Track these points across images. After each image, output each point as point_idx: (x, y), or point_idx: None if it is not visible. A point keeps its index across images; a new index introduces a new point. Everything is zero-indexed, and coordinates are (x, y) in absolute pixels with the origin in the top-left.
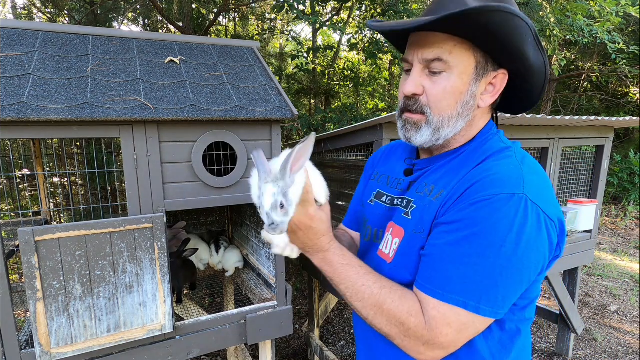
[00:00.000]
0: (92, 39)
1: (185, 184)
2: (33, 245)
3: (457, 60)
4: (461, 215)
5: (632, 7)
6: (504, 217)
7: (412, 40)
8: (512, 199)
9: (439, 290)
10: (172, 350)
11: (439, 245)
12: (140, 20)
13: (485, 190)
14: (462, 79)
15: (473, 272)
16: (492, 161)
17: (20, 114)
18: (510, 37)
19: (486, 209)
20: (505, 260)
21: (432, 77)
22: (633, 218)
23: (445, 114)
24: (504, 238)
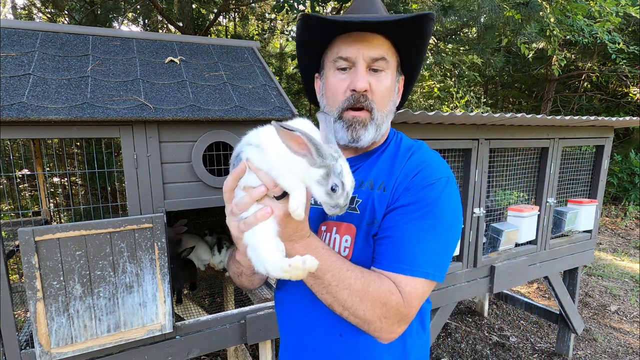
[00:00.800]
0: (92, 39)
1: (185, 184)
2: (33, 245)
3: (391, 60)
4: (415, 197)
5: (632, 7)
6: (447, 195)
7: (353, 39)
8: (449, 181)
9: (407, 267)
10: (172, 350)
11: (399, 226)
12: (140, 20)
13: (430, 176)
14: (392, 79)
15: (430, 244)
16: (420, 154)
17: (20, 114)
18: (426, 45)
19: (434, 190)
20: (450, 231)
21: (374, 75)
22: (633, 218)
23: (385, 110)
24: (449, 213)
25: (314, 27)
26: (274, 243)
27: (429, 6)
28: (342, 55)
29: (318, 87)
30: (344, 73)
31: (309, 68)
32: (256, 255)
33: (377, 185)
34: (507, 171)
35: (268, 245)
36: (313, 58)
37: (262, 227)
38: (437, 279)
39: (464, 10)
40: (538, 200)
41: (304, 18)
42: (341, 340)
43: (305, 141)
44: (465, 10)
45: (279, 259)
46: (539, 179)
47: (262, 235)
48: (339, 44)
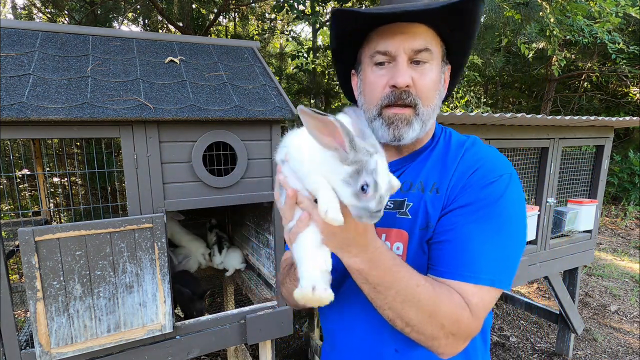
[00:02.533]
0: (92, 39)
1: (185, 184)
2: (33, 245)
3: (435, 51)
4: (475, 197)
5: (631, 7)
6: (511, 194)
7: (392, 31)
8: (512, 178)
9: (472, 274)
10: (172, 350)
11: (458, 229)
12: (140, 20)
13: (490, 174)
14: (438, 70)
15: (496, 247)
16: (476, 150)
17: (20, 114)
18: (475, 30)
19: (496, 188)
20: (517, 233)
21: (417, 68)
22: (633, 218)
23: (432, 104)
24: (514, 213)
25: (347, 22)
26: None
27: None
28: (381, 50)
29: (355, 84)
30: (383, 68)
31: (345, 64)
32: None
33: (429, 187)
34: None
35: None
36: (349, 54)
37: (304, 237)
38: (504, 287)
39: None
40: (538, 200)
41: (337, 13)
42: (397, 355)
43: (339, 129)
44: None
45: (310, 279)
46: (539, 179)
47: (302, 248)
48: (376, 37)
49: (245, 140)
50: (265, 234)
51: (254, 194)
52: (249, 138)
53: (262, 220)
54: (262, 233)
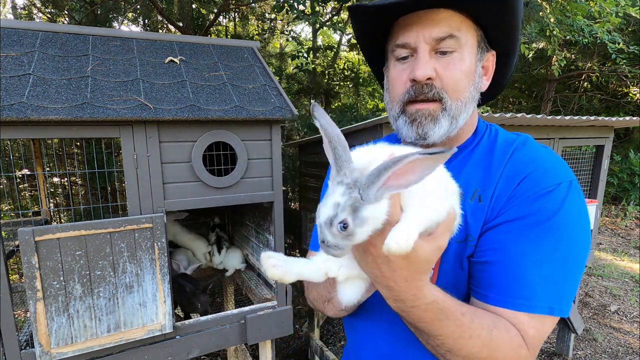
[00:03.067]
0: (92, 39)
1: (185, 184)
2: (33, 245)
3: (465, 37)
4: (526, 210)
5: (632, 7)
6: (571, 206)
7: (410, 21)
8: (571, 186)
9: (527, 302)
10: (172, 350)
11: (507, 248)
12: (140, 20)
13: (545, 181)
14: (471, 59)
15: (553, 270)
16: (527, 151)
17: (20, 114)
18: (515, 8)
19: (552, 199)
20: (578, 252)
21: (442, 59)
22: (633, 218)
23: (463, 97)
24: (575, 228)
25: (364, 19)
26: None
27: None
28: (400, 42)
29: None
30: (405, 62)
31: (377, 63)
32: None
33: (469, 193)
34: None
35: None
36: (377, 52)
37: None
38: (563, 314)
39: None
40: None
41: (351, 11)
42: None
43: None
44: None
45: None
46: None
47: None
48: (397, 30)
49: (245, 140)
50: (265, 234)
51: (254, 194)
52: (249, 138)
53: (262, 220)
54: (262, 233)
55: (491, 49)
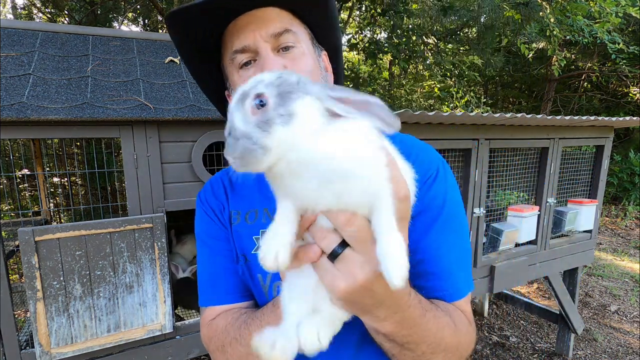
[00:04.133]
0: (92, 39)
1: (185, 184)
2: (33, 245)
3: (300, 32)
4: (423, 203)
5: (632, 7)
6: (451, 186)
7: (242, 24)
8: (444, 166)
9: (458, 291)
10: (172, 350)
11: (426, 245)
12: (140, 20)
13: (427, 169)
14: (312, 53)
15: (461, 253)
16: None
17: (20, 114)
18: (332, 3)
19: (438, 186)
20: (465, 226)
21: (287, 54)
22: (633, 218)
23: None
24: (460, 206)
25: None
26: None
27: (429, 6)
28: (237, 48)
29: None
30: (249, 68)
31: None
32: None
33: None
34: (507, 171)
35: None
36: (213, 74)
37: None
38: (473, 287)
39: (464, 10)
40: (538, 200)
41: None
42: None
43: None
44: (465, 10)
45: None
46: (539, 179)
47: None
48: (228, 38)
49: None
50: None
51: None
52: None
53: None
54: None
55: (322, 48)
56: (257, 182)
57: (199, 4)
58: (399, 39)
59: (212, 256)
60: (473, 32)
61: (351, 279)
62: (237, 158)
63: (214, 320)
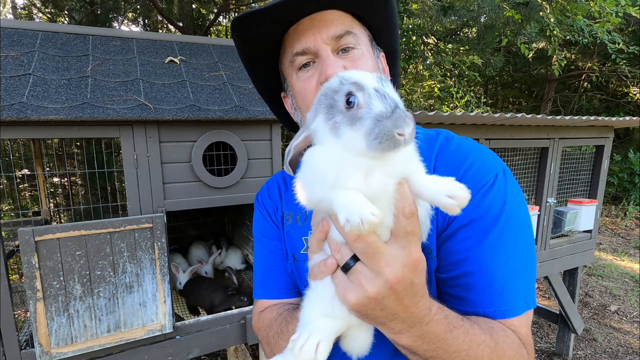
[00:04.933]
0: (92, 39)
1: (185, 184)
2: (33, 245)
3: (361, 35)
4: (477, 211)
5: (632, 7)
6: (512, 194)
7: (303, 28)
8: (506, 174)
9: (511, 308)
10: (172, 350)
11: (476, 256)
12: (140, 20)
13: (483, 176)
14: (371, 55)
15: (520, 267)
16: (454, 148)
17: (20, 114)
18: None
19: (496, 193)
20: (530, 238)
21: (347, 56)
22: (633, 218)
23: None
24: (523, 216)
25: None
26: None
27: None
28: (298, 50)
29: (289, 106)
30: (309, 69)
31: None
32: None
33: None
34: None
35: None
36: (271, 77)
37: (316, 295)
38: (535, 303)
39: (464, 10)
40: (538, 200)
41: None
42: None
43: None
44: (465, 10)
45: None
46: (539, 179)
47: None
48: (289, 41)
49: (245, 140)
50: None
51: (254, 194)
52: (249, 138)
53: None
54: None
55: (381, 50)
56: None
57: (263, 10)
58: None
59: (265, 254)
60: (473, 32)
61: (361, 291)
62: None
63: (263, 313)
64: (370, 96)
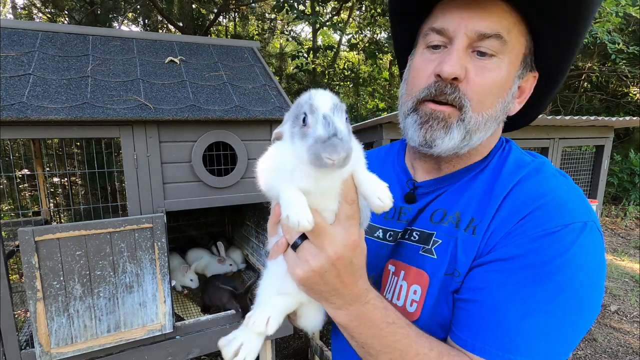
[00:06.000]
0: (92, 39)
1: (185, 184)
2: (33, 245)
3: (513, 43)
4: (522, 250)
5: (632, 7)
6: (582, 251)
7: (455, 5)
8: (585, 229)
9: (500, 352)
10: (172, 350)
11: (494, 289)
12: (140, 20)
13: (553, 220)
14: (510, 71)
15: (542, 322)
16: (539, 180)
17: (20, 114)
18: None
19: (558, 241)
20: (578, 307)
21: (478, 60)
22: (633, 218)
23: (487, 113)
24: (583, 278)
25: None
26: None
27: None
28: (436, 26)
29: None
30: (435, 52)
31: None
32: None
33: (465, 221)
34: None
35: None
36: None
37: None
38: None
39: None
40: None
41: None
42: None
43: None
44: None
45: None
46: None
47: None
48: (437, 12)
49: (245, 140)
50: (265, 234)
51: (254, 194)
52: (249, 138)
53: (262, 220)
54: (262, 233)
55: (535, 69)
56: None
57: None
58: None
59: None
60: None
61: (306, 266)
62: (345, 157)
63: None
64: (317, 121)
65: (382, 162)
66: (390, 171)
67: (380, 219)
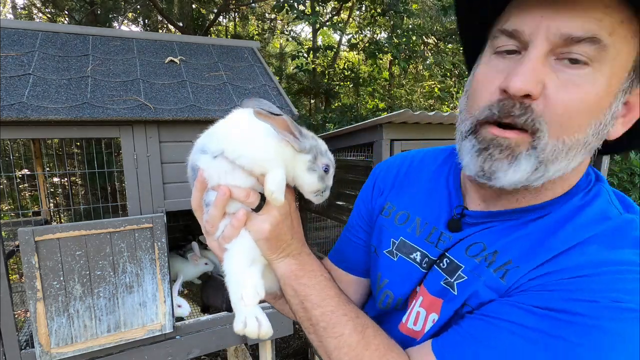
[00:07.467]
0: (92, 39)
1: (185, 184)
2: (33, 245)
3: (617, 49)
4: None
5: None
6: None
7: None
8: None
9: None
10: (172, 350)
11: (495, 316)
12: (140, 20)
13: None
14: (611, 85)
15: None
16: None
17: (20, 114)
18: None
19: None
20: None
21: (563, 71)
22: None
23: (571, 139)
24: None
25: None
26: (243, 281)
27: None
28: (507, 28)
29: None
30: (506, 58)
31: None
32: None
33: (499, 262)
34: None
35: (234, 284)
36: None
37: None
38: None
39: None
40: None
41: None
42: None
43: (289, 123)
44: None
45: (241, 312)
46: None
47: (232, 267)
48: (510, 9)
49: None
50: None
51: None
52: None
53: None
54: None
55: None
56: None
57: None
58: (399, 39)
59: (352, 218)
60: None
61: (272, 216)
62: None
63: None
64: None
65: (419, 168)
66: (442, 187)
67: (421, 240)
